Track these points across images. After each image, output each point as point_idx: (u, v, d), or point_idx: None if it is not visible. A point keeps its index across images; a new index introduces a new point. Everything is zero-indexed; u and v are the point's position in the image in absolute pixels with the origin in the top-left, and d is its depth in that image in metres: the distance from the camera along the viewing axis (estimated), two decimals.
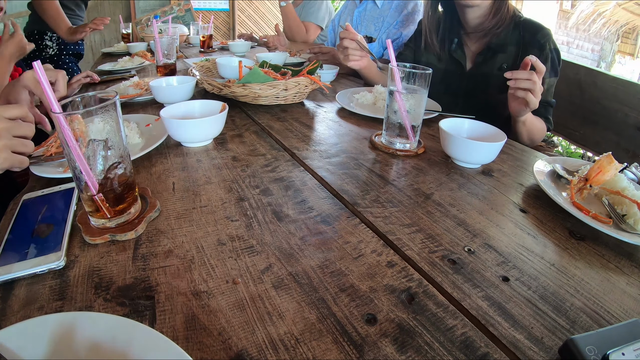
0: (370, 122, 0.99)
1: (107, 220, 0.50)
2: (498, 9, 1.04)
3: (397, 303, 0.41)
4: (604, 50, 5.95)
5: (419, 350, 0.36)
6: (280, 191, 0.63)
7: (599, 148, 1.37)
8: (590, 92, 1.37)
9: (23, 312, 0.39)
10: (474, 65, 1.14)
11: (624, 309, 0.42)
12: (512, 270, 0.47)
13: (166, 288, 0.42)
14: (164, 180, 0.65)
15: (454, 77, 1.18)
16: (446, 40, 1.17)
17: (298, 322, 0.38)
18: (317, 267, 0.46)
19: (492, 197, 0.65)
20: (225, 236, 0.51)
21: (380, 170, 0.72)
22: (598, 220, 0.55)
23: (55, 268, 0.44)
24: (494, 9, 1.04)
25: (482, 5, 1.04)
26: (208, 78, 1.09)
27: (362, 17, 1.72)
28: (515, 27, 1.06)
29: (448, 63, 1.19)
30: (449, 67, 1.19)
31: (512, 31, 1.06)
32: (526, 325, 0.39)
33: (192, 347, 0.35)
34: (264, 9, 4.95)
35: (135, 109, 1.07)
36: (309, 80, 1.06)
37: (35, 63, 0.45)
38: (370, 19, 1.69)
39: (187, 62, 1.75)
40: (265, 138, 0.86)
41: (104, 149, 0.47)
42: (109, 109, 0.46)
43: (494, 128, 0.78)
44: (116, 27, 3.80)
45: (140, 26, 2.58)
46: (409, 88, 0.76)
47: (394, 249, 0.50)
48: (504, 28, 1.05)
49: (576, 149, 3.24)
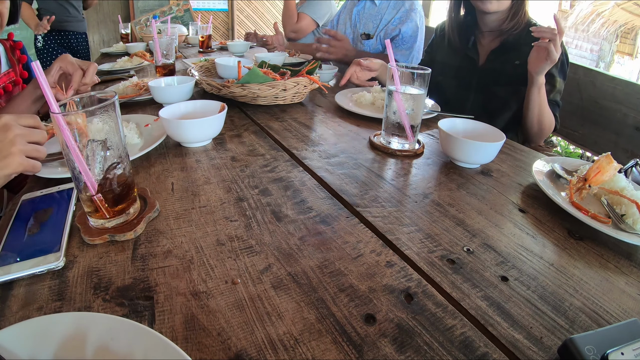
0: (369, 122, 0.99)
1: (106, 220, 0.50)
2: (515, 13, 1.09)
3: (396, 303, 0.41)
4: (603, 50, 5.95)
5: (418, 350, 0.36)
6: (280, 191, 0.63)
7: (598, 148, 1.37)
8: (589, 92, 1.38)
9: (22, 312, 0.39)
10: (486, 62, 1.19)
11: (623, 309, 0.42)
12: (511, 270, 0.47)
13: (165, 288, 0.42)
14: (163, 181, 0.65)
15: (467, 73, 1.24)
16: (463, 38, 1.23)
17: (297, 322, 0.38)
18: (316, 267, 0.46)
19: (491, 197, 0.65)
20: (224, 236, 0.51)
21: (379, 170, 0.72)
22: (597, 220, 0.55)
23: (54, 268, 0.44)
24: (512, 13, 1.10)
25: (499, 10, 1.09)
26: (207, 78, 1.09)
27: (361, 15, 1.75)
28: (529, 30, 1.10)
29: (462, 59, 1.25)
30: (462, 64, 1.25)
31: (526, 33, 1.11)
32: (525, 325, 0.39)
33: (191, 348, 0.35)
34: (263, 9, 4.95)
35: (134, 109, 1.07)
36: (308, 81, 1.06)
37: (34, 63, 0.45)
38: (368, 17, 1.71)
39: (186, 62, 1.75)
40: (264, 138, 0.86)
41: (103, 149, 0.47)
42: (107, 109, 0.46)
43: (493, 128, 0.78)
44: (115, 27, 3.80)
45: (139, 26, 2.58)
46: (408, 88, 0.76)
47: (393, 249, 0.50)
48: (520, 31, 1.11)
49: (575, 148, 3.25)
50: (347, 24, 1.81)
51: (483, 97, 1.21)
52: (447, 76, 1.28)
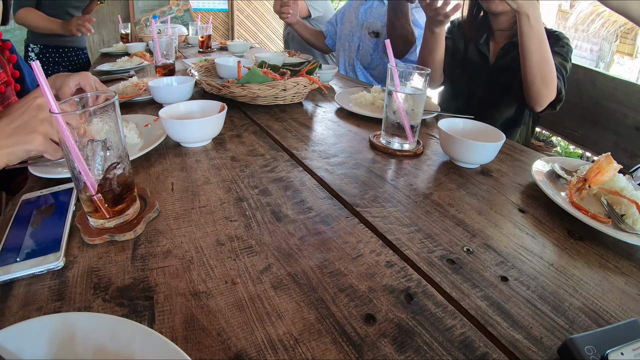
0: (369, 122, 0.99)
1: (106, 220, 0.50)
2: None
3: (396, 303, 0.41)
4: (603, 50, 5.96)
5: (418, 350, 0.36)
6: (279, 191, 0.63)
7: (598, 148, 1.37)
8: (588, 92, 1.38)
9: (22, 312, 0.39)
10: (496, 59, 1.22)
11: (623, 309, 0.42)
12: (511, 270, 0.47)
13: (165, 288, 0.42)
14: (163, 181, 0.65)
15: (477, 68, 1.27)
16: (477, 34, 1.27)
17: (297, 323, 0.38)
18: (316, 267, 0.46)
19: (491, 197, 0.65)
20: (224, 236, 0.51)
21: (379, 170, 0.72)
22: (597, 220, 0.55)
23: (54, 268, 0.44)
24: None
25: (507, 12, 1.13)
26: (207, 78, 1.09)
27: (369, 14, 1.75)
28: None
29: (474, 54, 1.28)
30: (474, 59, 1.28)
31: None
32: (525, 325, 0.39)
33: (191, 348, 0.35)
34: (263, 9, 4.95)
35: (134, 109, 1.07)
36: (307, 81, 1.06)
37: (34, 63, 0.45)
38: (376, 16, 1.72)
39: (185, 62, 1.75)
40: (264, 138, 0.86)
41: (103, 149, 0.47)
42: (107, 110, 0.46)
43: (493, 128, 0.78)
44: (115, 27, 3.80)
45: (139, 26, 2.58)
46: (408, 88, 0.76)
47: (392, 249, 0.50)
48: None
49: (575, 149, 3.25)
50: (352, 22, 1.80)
51: (490, 93, 1.24)
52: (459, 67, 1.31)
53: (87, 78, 0.81)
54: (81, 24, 1.90)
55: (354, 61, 1.81)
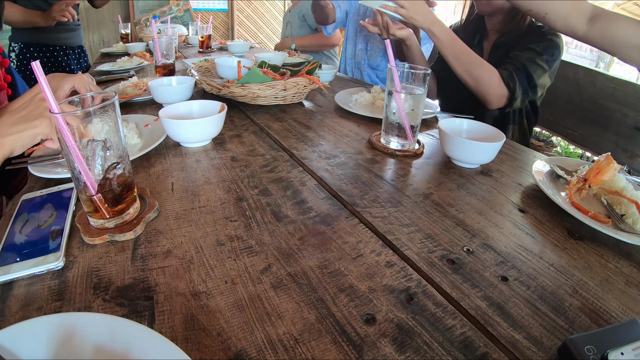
0: (369, 122, 0.99)
1: (106, 220, 0.50)
2: (514, 17, 1.15)
3: (396, 303, 0.41)
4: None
5: (418, 350, 0.36)
6: (279, 191, 0.63)
7: (598, 148, 1.37)
8: (588, 92, 1.38)
9: (22, 312, 0.39)
10: (489, 58, 1.22)
11: (623, 309, 0.42)
12: (510, 270, 0.47)
13: (165, 288, 0.42)
14: (163, 181, 0.65)
15: None
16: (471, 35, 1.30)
17: (297, 323, 0.38)
18: (316, 267, 0.46)
19: (491, 197, 0.65)
20: (224, 236, 0.51)
21: (379, 170, 0.72)
22: (597, 220, 0.55)
23: (54, 269, 0.44)
24: (510, 17, 1.17)
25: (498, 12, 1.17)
26: (207, 78, 1.09)
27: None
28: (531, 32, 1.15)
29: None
30: None
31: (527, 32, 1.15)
32: (525, 325, 0.39)
33: (191, 348, 0.35)
34: (263, 9, 4.95)
35: (134, 109, 1.07)
36: (307, 81, 1.06)
37: (34, 64, 0.45)
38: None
39: (185, 62, 1.75)
40: (264, 138, 0.86)
41: (103, 149, 0.47)
42: (107, 110, 0.46)
43: (493, 128, 0.78)
44: (115, 27, 3.80)
45: (139, 26, 2.58)
46: (408, 88, 0.76)
47: (392, 249, 0.50)
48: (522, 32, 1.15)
49: (575, 148, 3.25)
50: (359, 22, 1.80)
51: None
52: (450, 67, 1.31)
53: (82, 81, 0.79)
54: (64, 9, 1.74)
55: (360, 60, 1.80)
